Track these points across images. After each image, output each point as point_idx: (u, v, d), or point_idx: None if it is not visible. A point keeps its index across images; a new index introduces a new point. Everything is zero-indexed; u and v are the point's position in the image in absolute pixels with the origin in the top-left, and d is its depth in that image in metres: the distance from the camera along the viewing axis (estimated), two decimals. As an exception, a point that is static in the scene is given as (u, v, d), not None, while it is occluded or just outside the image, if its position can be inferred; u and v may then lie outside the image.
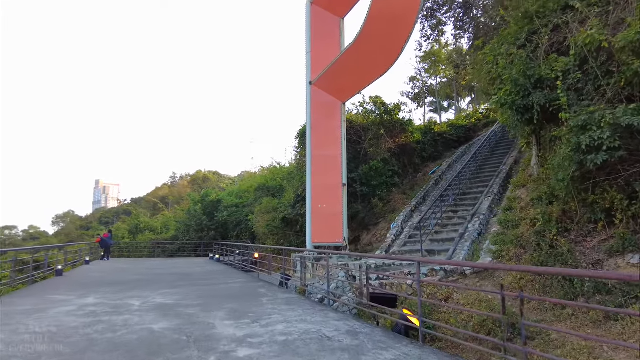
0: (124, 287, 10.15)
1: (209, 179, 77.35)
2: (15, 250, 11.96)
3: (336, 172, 16.78)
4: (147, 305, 7.51)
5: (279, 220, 21.30)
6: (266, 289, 9.90)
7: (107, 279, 12.02)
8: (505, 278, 8.80)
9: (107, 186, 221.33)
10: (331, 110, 17.50)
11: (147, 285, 10.42)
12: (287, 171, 28.68)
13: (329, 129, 17.34)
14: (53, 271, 12.89)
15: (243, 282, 11.41)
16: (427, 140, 23.24)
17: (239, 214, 27.08)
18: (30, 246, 25.25)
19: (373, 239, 18.38)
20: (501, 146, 20.78)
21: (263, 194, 26.98)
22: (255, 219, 24.12)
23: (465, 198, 15.77)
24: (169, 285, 10.47)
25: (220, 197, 29.25)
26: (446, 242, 12.68)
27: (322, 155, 17.16)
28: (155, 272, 14.29)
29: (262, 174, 33.74)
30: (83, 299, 8.26)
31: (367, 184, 18.92)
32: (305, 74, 18.02)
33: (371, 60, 15.39)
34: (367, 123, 20.99)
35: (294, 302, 8.03)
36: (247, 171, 42.02)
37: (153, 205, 71.92)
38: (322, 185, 16.91)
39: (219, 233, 26.96)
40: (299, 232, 20.43)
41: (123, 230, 31.17)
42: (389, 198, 19.20)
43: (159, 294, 8.91)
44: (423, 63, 39.01)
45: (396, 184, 19.90)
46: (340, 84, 16.91)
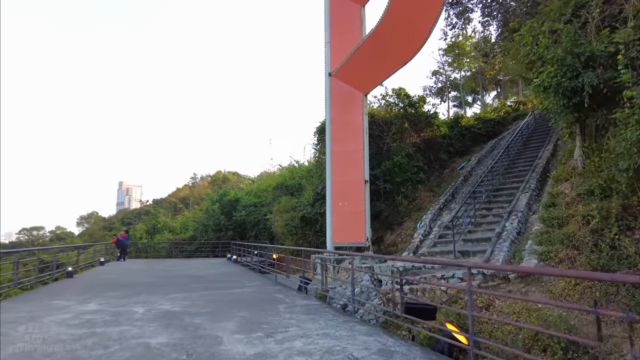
0: (132, 290, 9.45)
1: (229, 180, 77.44)
2: (16, 251, 11.44)
3: (358, 168, 15.80)
4: (151, 313, 6.73)
5: (298, 219, 20.44)
6: (283, 293, 9.02)
7: (117, 281, 11.39)
8: (555, 283, 7.65)
9: (130, 187, 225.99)
10: (352, 102, 16.52)
11: (156, 289, 9.70)
12: (306, 170, 27.84)
13: (350, 123, 16.37)
14: (64, 273, 12.37)
15: (259, 285, 10.57)
16: (453, 134, 21.99)
17: (257, 213, 26.38)
18: (37, 247, 25.15)
19: (397, 239, 17.31)
20: (534, 139, 19.35)
21: (281, 193, 26.20)
22: (273, 219, 23.35)
23: (499, 194, 14.54)
24: (180, 289, 9.72)
25: (238, 197, 28.63)
26: (481, 242, 11.52)
27: (343, 151, 16.19)
28: (169, 274, 13.63)
29: (281, 173, 33.01)
30: (84, 305, 7.56)
31: (390, 180, 17.86)
32: (324, 65, 17.10)
33: (395, 46, 14.34)
34: (389, 117, 19.91)
35: (315, 310, 7.11)
36: (266, 171, 41.37)
37: (173, 206, 72.47)
38: (342, 183, 15.95)
39: (237, 233, 26.32)
40: (319, 231, 19.52)
41: (141, 230, 30.98)
42: (415, 195, 18.08)
43: (167, 299, 8.15)
44: (446, 56, 37.55)
45: (422, 180, 18.76)
46: (361, 74, 15.92)
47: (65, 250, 19.49)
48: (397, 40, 14.19)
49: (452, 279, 9.33)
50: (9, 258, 11.51)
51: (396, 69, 15.38)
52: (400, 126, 19.27)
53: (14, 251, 11.39)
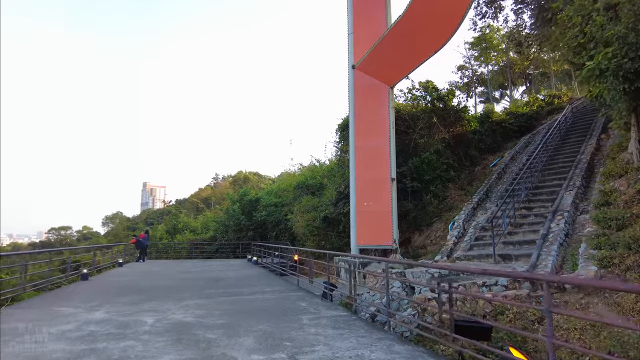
0: (146, 295, 8.83)
1: (250, 180, 77.44)
2: (17, 254, 11.02)
3: (384, 165, 14.87)
4: (161, 324, 6.03)
5: (320, 219, 19.62)
6: (307, 301, 8.22)
7: (132, 285, 10.84)
8: (624, 295, 6.57)
9: (154, 188, 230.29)
10: (377, 95, 15.60)
11: (171, 294, 9.06)
12: (327, 169, 27.02)
13: (375, 117, 15.45)
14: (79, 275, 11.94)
15: (280, 290, 9.80)
16: (484, 130, 20.75)
17: (277, 213, 25.72)
18: (49, 248, 25.13)
19: (426, 241, 16.28)
20: (574, 133, 17.95)
21: (302, 193, 25.46)
22: (294, 219, 22.63)
23: (539, 192, 13.35)
24: (196, 294, 9.05)
25: (258, 196, 28.05)
26: (524, 245, 10.43)
27: (368, 147, 15.29)
28: (187, 277, 13.04)
29: (302, 172, 32.27)
30: (91, 312, 6.95)
31: (418, 179, 16.83)
32: (347, 57, 16.24)
33: (424, 34, 13.35)
34: (416, 111, 18.86)
35: (343, 322, 6.27)
36: (286, 171, 40.73)
37: (195, 206, 72.91)
38: (367, 181, 15.05)
39: (257, 233, 25.72)
40: (342, 232, 18.66)
41: (161, 230, 30.80)
42: (445, 194, 17.01)
43: (180, 307, 7.46)
44: (472, 50, 36.05)
45: (452, 178, 17.66)
46: (387, 65, 14.98)
47: (88, 251, 19.28)
48: (427, 26, 13.20)
49: (495, 287, 8.32)
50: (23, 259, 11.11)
51: (425, 58, 14.39)
52: (428, 121, 18.20)
53: (23, 253, 10.99)
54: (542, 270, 8.57)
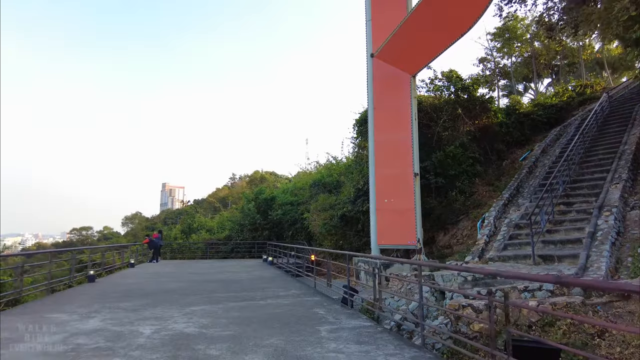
0: (150, 300, 8.12)
1: (266, 179, 77.12)
2: (13, 255, 10.46)
3: (406, 160, 13.87)
4: (159, 337, 5.26)
5: (337, 218, 18.74)
6: (325, 308, 7.35)
7: (138, 287, 10.17)
8: None
9: (173, 189, 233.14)
10: (398, 85, 14.61)
11: (178, 298, 8.32)
12: (344, 166, 26.11)
13: (396, 108, 14.46)
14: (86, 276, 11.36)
15: (296, 294, 8.96)
16: (511, 122, 19.48)
17: (293, 212, 24.94)
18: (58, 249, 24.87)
19: (452, 241, 15.22)
20: (613, 123, 16.58)
21: (319, 191, 24.61)
22: (310, 218, 21.80)
23: (578, 187, 12.17)
24: (204, 299, 8.29)
25: (274, 195, 27.34)
26: (567, 245, 9.32)
27: (388, 140, 14.33)
28: (198, 279, 12.35)
29: (318, 170, 31.40)
30: (85, 320, 6.24)
31: (442, 174, 15.77)
32: (365, 46, 15.31)
33: (449, 15, 12.30)
34: (439, 103, 17.79)
35: (368, 335, 5.38)
36: (303, 170, 39.94)
37: (212, 206, 72.98)
38: (388, 176, 14.09)
39: (273, 233, 25.00)
40: (360, 231, 17.74)
41: (176, 230, 30.39)
42: (471, 190, 15.90)
43: (185, 314, 6.70)
44: (495, 41, 34.53)
45: (478, 173, 16.53)
46: (408, 52, 13.98)
47: (95, 251, 18.85)
48: (451, 10, 12.15)
49: (539, 292, 7.29)
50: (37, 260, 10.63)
51: (449, 44, 13.31)
52: (452, 113, 17.11)
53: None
54: (593, 274, 7.49)
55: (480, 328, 6.86)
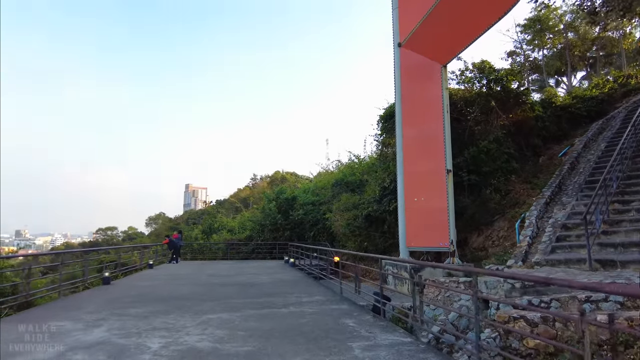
0: (163, 306, 7.49)
1: (287, 179, 76.79)
2: (14, 256, 10.03)
3: (437, 155, 12.92)
4: (167, 352, 4.57)
5: (362, 218, 17.88)
6: (355, 318, 6.53)
7: (153, 291, 9.59)
8: None
9: (196, 189, 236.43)
10: (427, 76, 13.67)
11: (193, 305, 7.67)
12: (367, 165, 25.21)
13: (426, 100, 13.53)
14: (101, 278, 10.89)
15: (321, 301, 8.18)
16: (547, 116, 18.18)
17: (315, 212, 24.18)
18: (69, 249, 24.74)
19: (487, 242, 14.14)
20: (664, 115, 15.11)
21: (341, 190, 23.79)
22: (333, 218, 21.01)
23: (634, 183, 10.95)
24: (221, 305, 7.61)
25: (295, 194, 26.65)
26: (630, 248, 8.22)
27: (418, 135, 13.42)
28: (216, 281, 11.73)
29: (340, 170, 30.55)
30: (89, 330, 5.63)
31: (476, 171, 14.71)
32: (392, 35, 14.43)
33: (480, 2, 11.31)
34: (470, 95, 16.71)
35: (410, 356, 4.53)
36: (324, 169, 39.17)
37: (234, 207, 73.10)
38: (418, 173, 13.17)
39: (294, 233, 24.30)
40: (386, 232, 16.82)
41: (197, 230, 30.08)
42: (507, 188, 14.77)
43: (199, 324, 6.01)
44: (525, 33, 32.91)
45: (514, 170, 15.37)
46: (438, 41, 13.03)
47: (116, 251, 18.54)
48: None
49: (605, 303, 6.27)
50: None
51: (482, 31, 12.31)
52: (485, 106, 16.01)
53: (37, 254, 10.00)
54: (669, 282, 6.41)
55: (536, 345, 5.92)
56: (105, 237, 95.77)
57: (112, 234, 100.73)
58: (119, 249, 15.70)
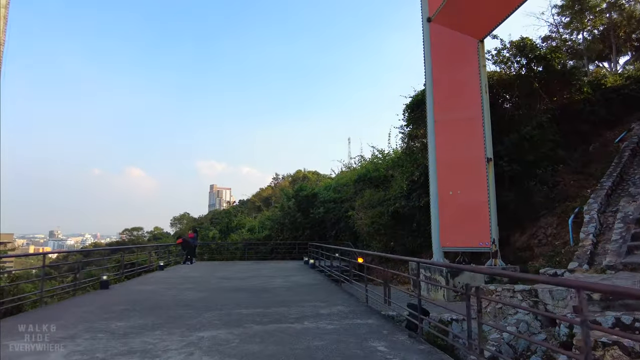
0: (153, 319, 6.27)
1: (309, 178, 75.72)
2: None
3: (475, 142, 11.33)
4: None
5: (388, 215, 16.39)
6: (386, 340, 5.12)
7: (150, 298, 8.43)
8: None
9: (220, 190, 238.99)
10: (462, 53, 12.07)
11: (189, 316, 6.43)
12: (391, 160, 23.61)
13: (461, 81, 11.93)
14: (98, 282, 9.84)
15: (343, 313, 6.79)
16: (595, 99, 16.14)
17: (337, 210, 22.77)
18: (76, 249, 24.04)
19: (532, 241, 12.39)
20: None
21: (364, 186, 22.28)
22: (356, 216, 19.56)
23: None
24: (223, 317, 6.34)
25: (315, 191, 25.32)
26: None
27: (452, 120, 11.83)
28: (225, 285, 10.52)
29: (363, 165, 28.96)
30: (42, 357, 4.42)
31: (517, 160, 12.98)
32: (420, 9, 12.88)
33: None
34: (508, 77, 14.95)
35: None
36: (346, 165, 37.65)
37: (256, 206, 72.62)
38: (453, 164, 11.60)
39: (315, 232, 22.97)
40: (416, 231, 15.27)
41: (215, 230, 29.19)
42: (555, 180, 12.97)
43: (185, 346, 4.75)
44: (562, 15, 30.45)
45: (561, 159, 13.54)
46: (473, 12, 11.40)
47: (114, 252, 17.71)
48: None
49: None
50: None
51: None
52: (526, 88, 14.22)
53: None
54: None
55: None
56: (132, 238, 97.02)
57: (138, 234, 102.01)
58: (121, 250, 14.71)
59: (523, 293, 6.76)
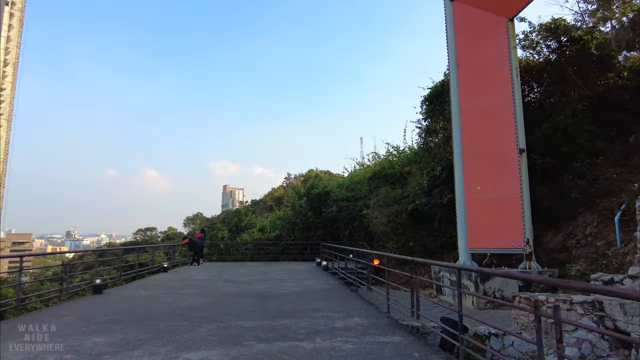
0: (137, 333, 5.36)
1: (321, 177, 74.77)
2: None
3: (506, 131, 10.20)
4: None
5: (406, 214, 15.34)
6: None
7: (144, 306, 7.54)
8: None
9: (233, 190, 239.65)
10: (489, 33, 10.93)
11: (181, 330, 5.50)
12: (407, 157, 22.48)
13: (488, 64, 10.81)
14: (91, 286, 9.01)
15: (362, 327, 5.77)
16: (632, 86, 14.78)
17: (350, 208, 21.74)
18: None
19: (568, 242, 11.19)
20: None
21: (379, 184, 21.22)
22: (371, 214, 18.51)
23: None
24: (219, 332, 5.39)
25: (328, 189, 24.32)
26: None
27: (479, 107, 10.70)
28: (230, 290, 9.60)
29: (377, 163, 27.80)
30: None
31: (550, 152, 11.78)
32: (441, -13, 11.77)
33: None
34: (538, 63, 13.73)
35: None
36: (360, 163, 36.57)
37: (268, 206, 71.99)
38: (481, 155, 10.48)
39: (328, 232, 21.97)
40: (437, 231, 14.16)
41: (224, 230, 28.40)
42: (594, 174, 11.73)
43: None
44: (587, 3, 28.82)
45: (600, 151, 12.28)
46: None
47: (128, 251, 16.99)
48: None
49: None
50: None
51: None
52: (559, 74, 12.98)
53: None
54: None
55: None
56: (145, 238, 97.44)
57: (151, 234, 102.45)
58: (119, 251, 13.95)
59: (584, 305, 5.62)
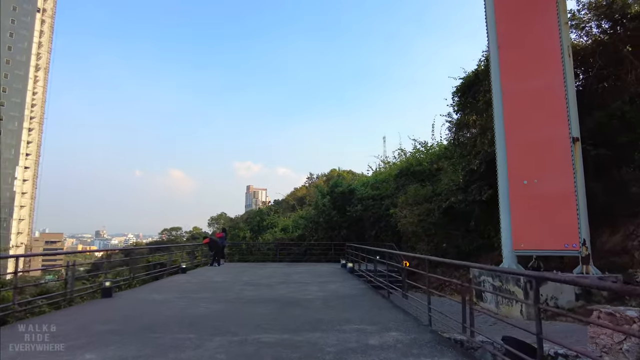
0: (136, 349, 4.58)
1: (344, 177, 73.73)
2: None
3: (556, 118, 9.00)
4: None
5: (439, 213, 14.21)
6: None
7: (153, 312, 6.83)
8: None
9: (256, 191, 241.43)
10: (535, 8, 9.74)
11: (187, 345, 4.70)
12: (436, 154, 21.27)
13: (535, 43, 9.63)
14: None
15: (401, 345, 4.82)
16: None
17: (376, 207, 20.68)
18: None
19: (629, 243, 9.86)
20: None
21: (407, 181, 20.07)
22: (399, 213, 17.41)
23: None
24: (233, 350, 4.57)
25: (352, 187, 23.33)
26: None
27: (525, 90, 9.53)
28: (248, 295, 8.80)
29: (403, 160, 26.58)
30: None
31: (606, 143, 10.44)
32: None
33: None
34: (587, 44, 12.37)
35: None
36: (385, 162, 35.34)
37: (291, 206, 71.56)
38: (527, 145, 9.32)
39: (352, 232, 21.00)
40: (474, 231, 13.00)
41: (245, 229, 27.84)
42: (658, 166, 10.33)
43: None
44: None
45: (662, 141, 10.84)
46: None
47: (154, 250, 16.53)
48: None
49: None
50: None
51: None
52: (613, 55, 11.60)
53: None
54: None
55: None
56: (170, 237, 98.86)
57: (177, 234, 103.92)
58: (120, 250, 13.39)
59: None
